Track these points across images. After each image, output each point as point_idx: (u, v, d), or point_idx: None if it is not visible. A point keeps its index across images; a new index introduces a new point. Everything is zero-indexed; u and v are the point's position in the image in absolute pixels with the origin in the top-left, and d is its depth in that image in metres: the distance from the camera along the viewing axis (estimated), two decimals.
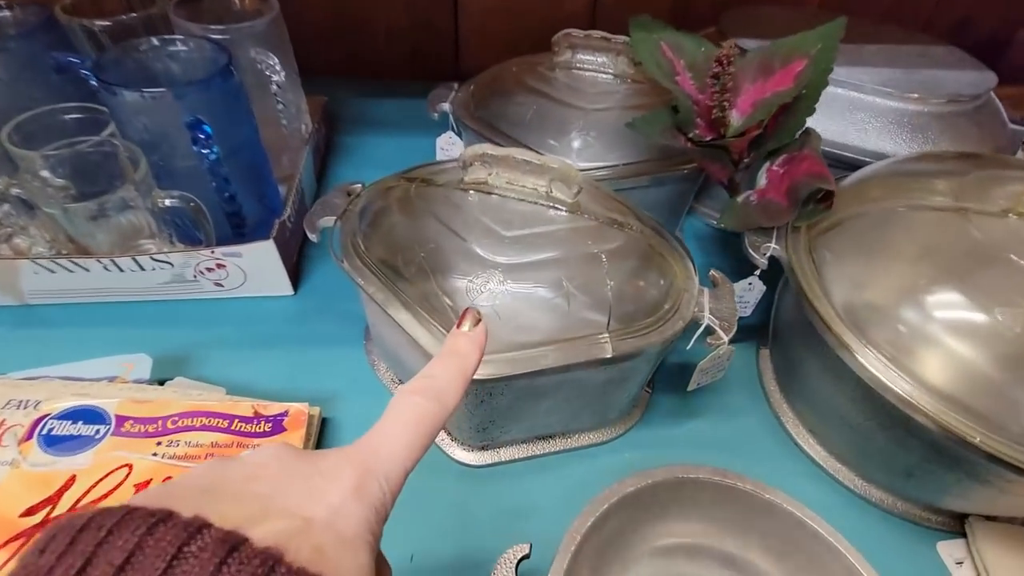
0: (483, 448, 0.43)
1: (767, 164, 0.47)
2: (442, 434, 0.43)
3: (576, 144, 0.48)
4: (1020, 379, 0.32)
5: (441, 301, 0.33)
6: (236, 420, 0.38)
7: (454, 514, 0.40)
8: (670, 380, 0.48)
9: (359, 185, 0.45)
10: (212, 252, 0.46)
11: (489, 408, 0.37)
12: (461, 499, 0.41)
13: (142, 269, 0.46)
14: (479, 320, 0.22)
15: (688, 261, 0.39)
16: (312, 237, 0.41)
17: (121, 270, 0.46)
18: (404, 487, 0.19)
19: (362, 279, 0.36)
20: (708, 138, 0.46)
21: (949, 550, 0.40)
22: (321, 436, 0.43)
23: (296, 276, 0.54)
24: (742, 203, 0.46)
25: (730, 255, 0.62)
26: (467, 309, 0.22)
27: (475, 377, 0.32)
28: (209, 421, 0.38)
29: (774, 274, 0.46)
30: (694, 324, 0.38)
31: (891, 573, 0.32)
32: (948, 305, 0.34)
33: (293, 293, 0.53)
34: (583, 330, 0.34)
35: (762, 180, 0.47)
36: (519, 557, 0.31)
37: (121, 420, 0.37)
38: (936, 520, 0.41)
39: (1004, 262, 0.33)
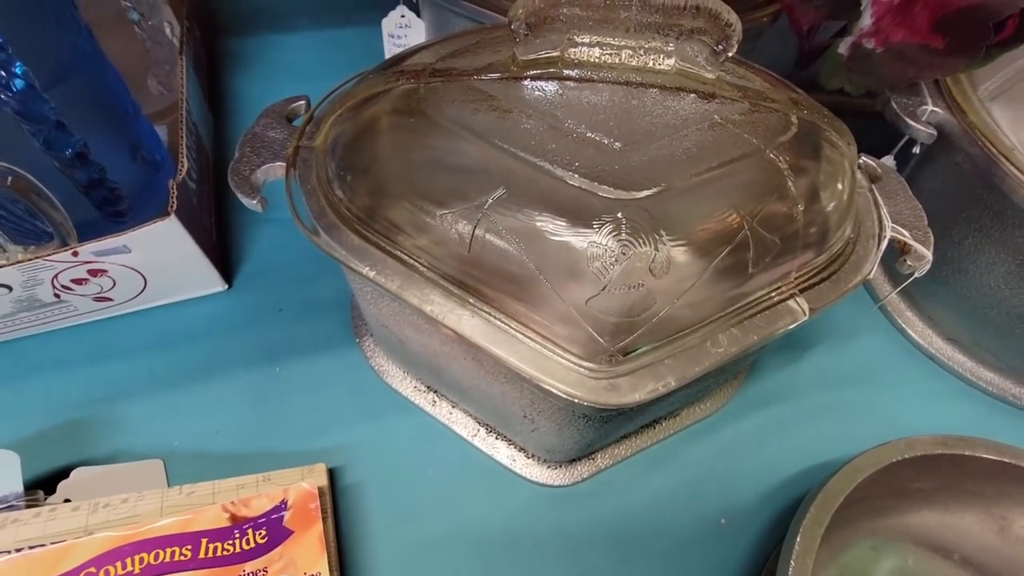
0: (573, 460, 0.30)
1: None
2: (512, 451, 0.30)
3: None
4: None
5: (540, 284, 0.19)
6: (203, 541, 0.23)
7: (560, 561, 0.28)
8: None
9: (302, 103, 0.27)
10: (75, 254, 0.28)
11: (613, 424, 0.24)
12: (562, 535, 0.29)
13: None
14: None
15: (853, 142, 0.26)
16: (252, 205, 0.24)
17: None
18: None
19: (368, 264, 0.21)
20: None
21: None
22: (340, 499, 0.29)
23: (225, 261, 0.36)
24: (851, 55, 0.33)
25: None
26: None
27: (630, 401, 0.19)
28: (157, 557, 0.22)
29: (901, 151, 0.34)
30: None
31: None
32: None
33: (227, 287, 0.35)
34: (764, 285, 0.21)
35: (865, 19, 0.34)
36: None
37: None
38: None
39: None
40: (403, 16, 0.40)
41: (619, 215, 0.18)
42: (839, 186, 0.23)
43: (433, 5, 0.37)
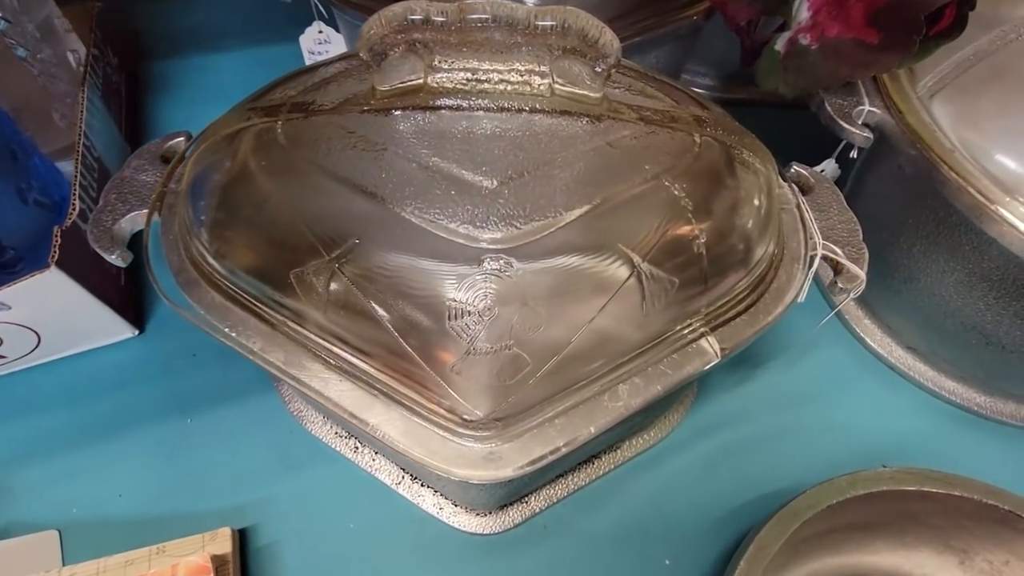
0: (504, 506, 0.28)
1: None
2: (439, 500, 0.28)
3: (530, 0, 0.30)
4: None
5: (398, 344, 0.17)
6: None
7: None
8: None
9: (181, 139, 0.25)
10: None
11: (517, 482, 0.22)
12: None
13: None
14: None
15: (771, 159, 0.24)
16: (114, 259, 0.22)
17: None
18: None
19: (232, 334, 0.18)
20: None
21: None
22: (250, 559, 0.27)
23: (136, 305, 0.34)
24: (788, 52, 0.31)
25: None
26: None
27: (509, 473, 0.17)
28: None
29: (819, 152, 0.32)
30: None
31: None
32: None
33: (137, 333, 0.33)
34: (665, 324, 0.19)
35: (802, 13, 0.32)
36: None
37: None
38: None
39: None
40: (321, 32, 0.38)
41: (484, 266, 0.16)
42: (751, 208, 0.21)
43: (346, 21, 0.35)
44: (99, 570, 0.23)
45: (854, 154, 0.29)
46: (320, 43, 0.39)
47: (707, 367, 0.19)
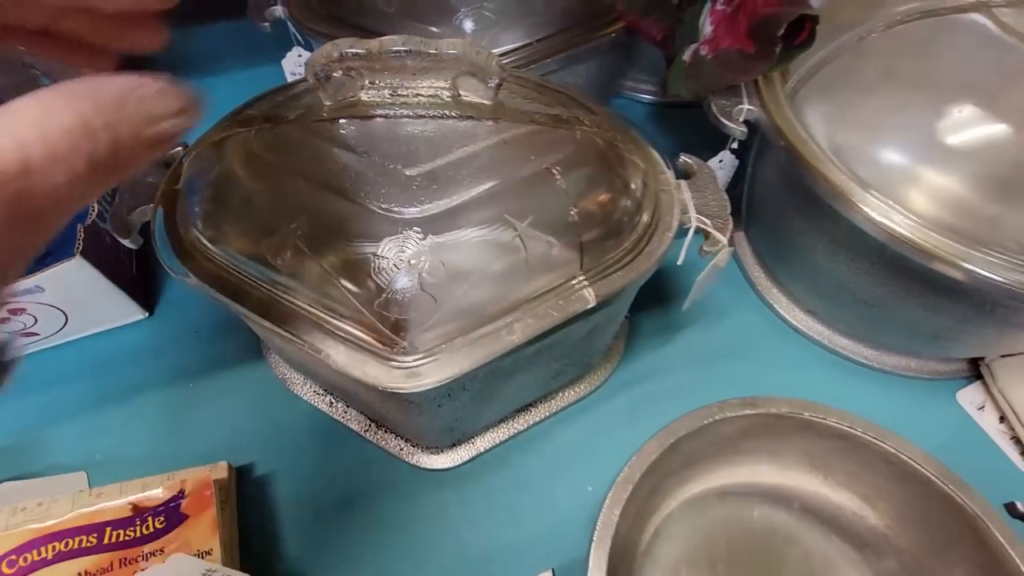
0: (455, 445, 0.34)
1: (708, 5, 0.37)
2: (400, 443, 0.34)
3: (468, 26, 0.36)
4: None
5: (341, 292, 0.22)
6: (108, 529, 0.27)
7: (443, 535, 0.32)
8: (646, 297, 0.41)
9: (179, 148, 0.31)
10: None
11: (452, 408, 0.28)
12: (445, 514, 0.32)
13: None
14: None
15: (653, 150, 0.30)
16: (128, 243, 0.28)
17: None
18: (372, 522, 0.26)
19: (221, 293, 0.24)
20: None
21: (968, 397, 0.38)
22: (246, 493, 0.32)
23: (147, 291, 0.40)
24: (691, 61, 0.37)
25: (676, 131, 0.54)
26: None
27: (426, 384, 0.23)
28: (67, 544, 0.26)
29: (740, 144, 0.38)
30: (681, 230, 0.29)
31: (918, 433, 0.28)
32: (977, 126, 0.27)
33: (147, 315, 0.39)
34: (551, 278, 0.24)
35: (706, 27, 0.37)
36: None
37: None
38: (950, 370, 0.38)
39: None
40: (300, 55, 0.44)
41: (403, 232, 0.22)
42: (624, 189, 0.27)
43: (319, 39, 0.41)
44: (121, 489, 0.29)
45: (734, 145, 0.34)
46: (299, 65, 0.45)
47: (585, 308, 0.24)
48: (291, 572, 0.30)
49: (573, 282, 0.25)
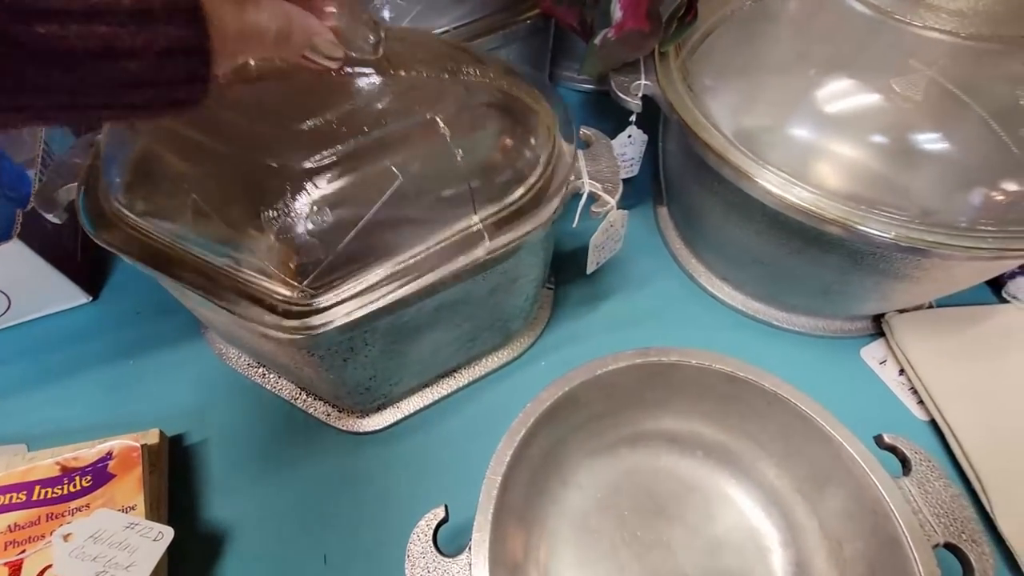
0: (380, 409, 0.36)
1: None
2: (327, 408, 0.36)
3: (387, 13, 0.38)
4: (924, 153, 0.29)
5: (241, 251, 0.24)
6: (36, 487, 0.28)
7: (365, 494, 0.33)
8: (570, 268, 0.43)
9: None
10: None
11: (360, 364, 0.30)
12: (368, 474, 0.34)
13: None
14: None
15: (556, 103, 0.32)
16: (52, 217, 0.29)
17: None
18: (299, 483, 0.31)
19: (133, 255, 0.26)
20: None
21: (871, 353, 0.40)
22: (179, 460, 0.34)
23: (91, 276, 0.42)
24: (600, 43, 0.39)
25: (609, 117, 0.56)
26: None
27: (322, 330, 0.24)
28: None
29: (653, 121, 0.40)
30: (575, 196, 0.31)
31: (824, 390, 0.30)
32: (842, 94, 0.29)
33: (92, 299, 0.41)
34: (442, 229, 0.26)
35: (616, 13, 0.40)
36: (435, 524, 0.26)
37: None
38: (856, 328, 0.40)
39: (890, 29, 0.29)
40: None
41: (292, 184, 0.24)
42: (531, 139, 0.29)
43: None
44: (52, 455, 0.30)
45: (633, 119, 0.36)
46: None
47: (479, 254, 0.26)
48: (218, 528, 0.32)
49: (469, 229, 0.27)
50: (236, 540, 0.32)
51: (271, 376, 0.37)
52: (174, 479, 0.33)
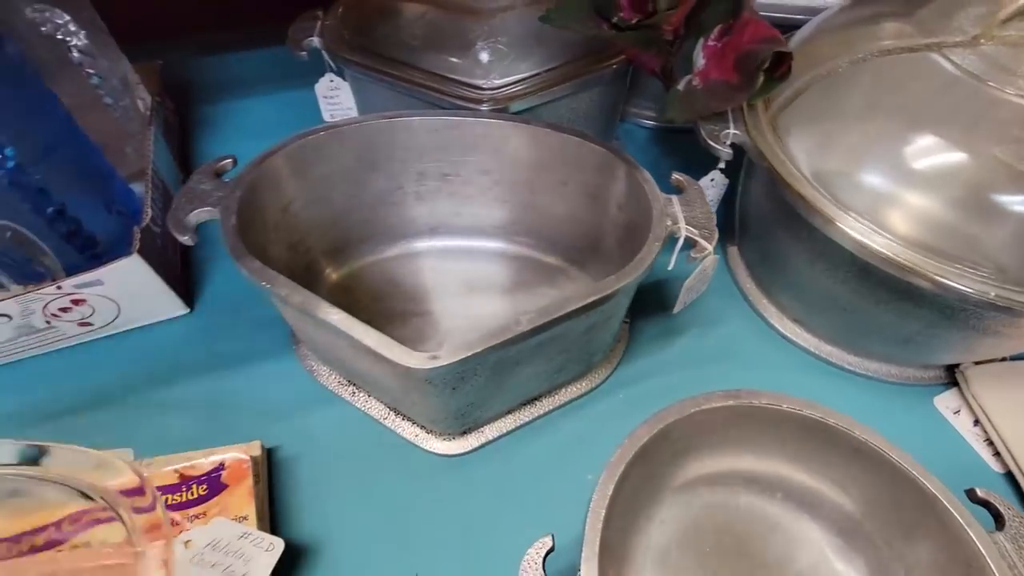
0: (464, 433, 0.37)
1: (701, 41, 0.41)
2: (415, 429, 0.37)
3: (484, 57, 0.40)
4: (1011, 214, 0.30)
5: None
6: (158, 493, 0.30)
7: (452, 515, 0.35)
8: (643, 303, 0.44)
9: (229, 161, 0.35)
10: (59, 288, 0.35)
11: (465, 392, 0.31)
12: (454, 496, 0.35)
13: None
14: None
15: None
16: (185, 239, 0.32)
17: None
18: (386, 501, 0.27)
19: (270, 282, 0.28)
20: (635, 19, 0.39)
21: (945, 402, 0.40)
22: (273, 474, 0.36)
23: (188, 289, 0.44)
24: (684, 90, 0.41)
25: (674, 156, 0.58)
26: None
27: (442, 363, 0.26)
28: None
29: (731, 165, 0.41)
30: (670, 239, 0.33)
31: (897, 436, 0.30)
32: (937, 154, 0.31)
33: (188, 311, 0.43)
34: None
35: (699, 60, 0.41)
36: (544, 553, 0.27)
37: None
38: (928, 377, 0.41)
39: (987, 95, 0.30)
40: (332, 81, 0.49)
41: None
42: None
43: (350, 66, 0.45)
44: (167, 462, 0.32)
45: (722, 166, 0.38)
46: (331, 90, 0.49)
47: (580, 305, 0.28)
48: (310, 541, 0.33)
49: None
50: (327, 554, 0.33)
51: (361, 395, 0.38)
52: (270, 491, 0.35)
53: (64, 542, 0.27)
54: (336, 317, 0.27)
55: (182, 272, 0.44)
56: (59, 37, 0.37)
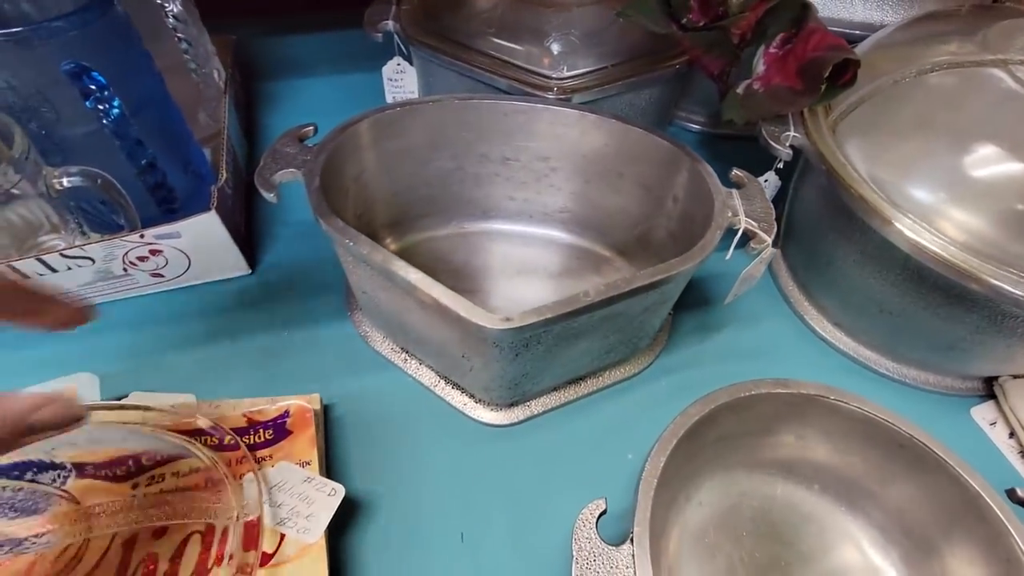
0: (512, 405, 0.38)
1: (762, 48, 0.43)
2: (464, 398, 0.39)
3: (556, 48, 0.42)
4: None
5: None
6: (227, 435, 0.32)
7: (497, 481, 0.36)
8: (686, 297, 0.45)
9: (311, 128, 0.37)
10: (142, 236, 0.37)
11: (525, 360, 0.32)
12: (499, 464, 0.37)
13: (53, 271, 0.37)
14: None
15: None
16: (269, 197, 0.33)
17: (26, 276, 0.37)
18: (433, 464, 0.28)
19: (353, 239, 0.30)
20: (703, 22, 0.41)
21: (982, 413, 0.41)
22: (327, 430, 0.37)
23: (249, 251, 0.46)
24: (744, 94, 0.42)
25: (720, 160, 0.58)
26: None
27: (515, 324, 0.27)
28: (198, 440, 0.31)
29: (785, 168, 0.43)
30: (729, 232, 0.34)
31: None
32: (994, 167, 0.32)
33: (250, 272, 0.45)
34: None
35: (759, 66, 0.43)
36: (598, 514, 0.28)
37: (81, 468, 0.29)
38: (966, 387, 0.41)
39: None
40: (399, 64, 0.51)
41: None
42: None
43: (421, 49, 0.47)
44: (235, 405, 0.34)
45: (780, 165, 0.39)
46: (397, 73, 0.51)
47: (640, 283, 0.29)
48: (359, 497, 0.35)
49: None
50: (376, 511, 0.34)
51: (412, 362, 0.40)
52: (325, 444, 0.36)
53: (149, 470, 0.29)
54: (415, 276, 0.28)
55: (246, 234, 0.46)
56: (158, 1, 0.39)
